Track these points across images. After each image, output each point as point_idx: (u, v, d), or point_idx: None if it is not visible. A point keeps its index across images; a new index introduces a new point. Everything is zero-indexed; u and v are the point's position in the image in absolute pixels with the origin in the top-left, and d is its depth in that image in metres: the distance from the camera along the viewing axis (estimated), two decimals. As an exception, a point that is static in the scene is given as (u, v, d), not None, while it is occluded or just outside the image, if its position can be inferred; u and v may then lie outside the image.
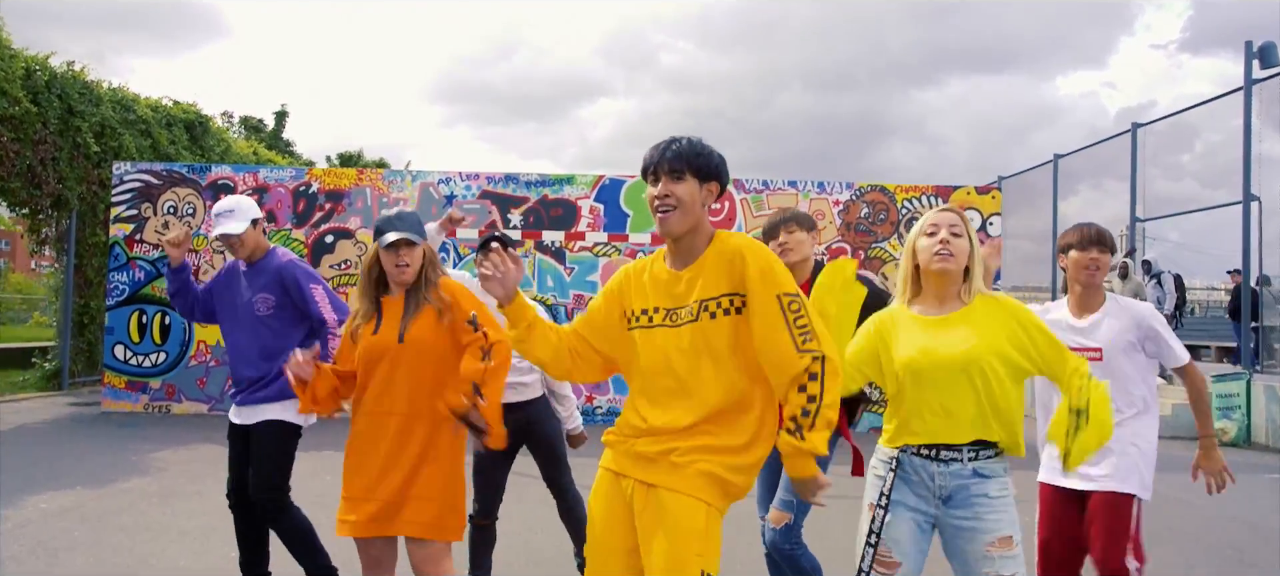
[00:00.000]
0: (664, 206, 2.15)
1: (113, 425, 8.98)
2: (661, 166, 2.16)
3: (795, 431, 2.00)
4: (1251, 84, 10.63)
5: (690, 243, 2.19)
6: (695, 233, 2.19)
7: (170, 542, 4.73)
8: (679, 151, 2.17)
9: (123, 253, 10.08)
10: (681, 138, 2.19)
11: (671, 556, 2.02)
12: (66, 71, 11.68)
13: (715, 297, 2.13)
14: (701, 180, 2.17)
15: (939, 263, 2.42)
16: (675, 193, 2.14)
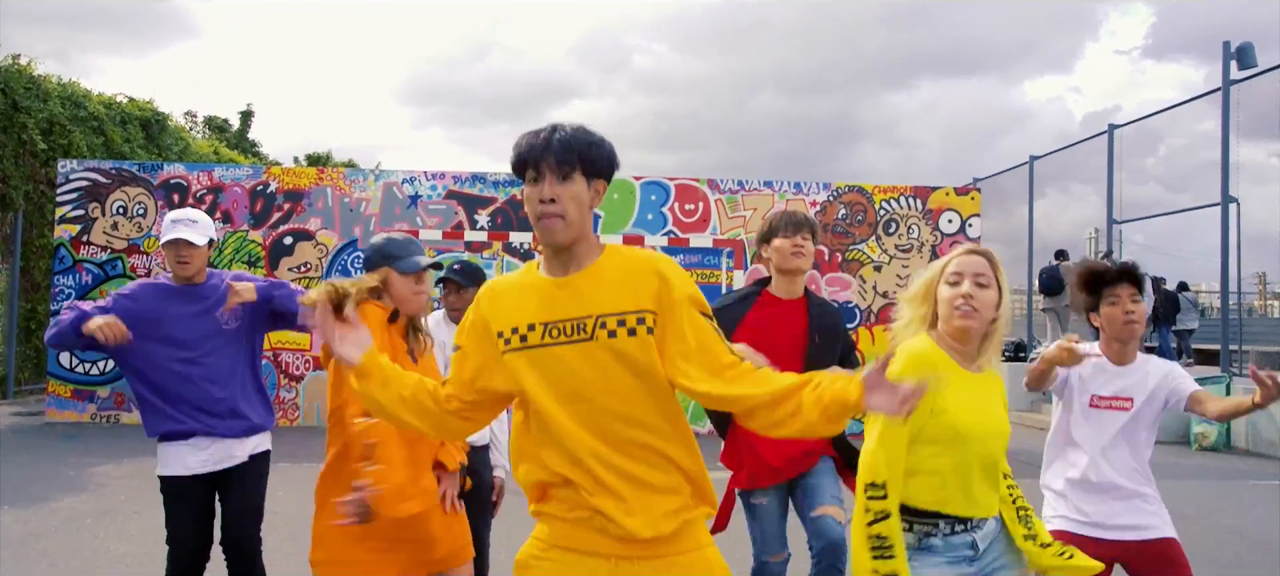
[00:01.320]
0: (551, 212, 1.76)
1: (55, 437, 8.52)
2: (546, 162, 1.76)
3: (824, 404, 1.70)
4: (1229, 85, 10.56)
5: (579, 252, 1.83)
6: (582, 241, 1.82)
7: (100, 569, 4.36)
8: (566, 141, 1.77)
9: (69, 254, 9.60)
10: (564, 124, 1.81)
11: None
12: (11, 65, 11.17)
13: (615, 313, 1.78)
14: (589, 177, 1.80)
15: (960, 319, 2.09)
16: (563, 194, 1.76)
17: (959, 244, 8.96)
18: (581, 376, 1.77)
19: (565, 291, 1.80)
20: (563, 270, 1.82)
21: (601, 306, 1.78)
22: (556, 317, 1.79)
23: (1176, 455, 9.62)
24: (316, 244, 9.66)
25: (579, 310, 1.78)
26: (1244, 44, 10.39)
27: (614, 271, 1.81)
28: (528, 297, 1.83)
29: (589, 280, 1.80)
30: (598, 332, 1.76)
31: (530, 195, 1.79)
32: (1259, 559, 5.27)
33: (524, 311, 1.81)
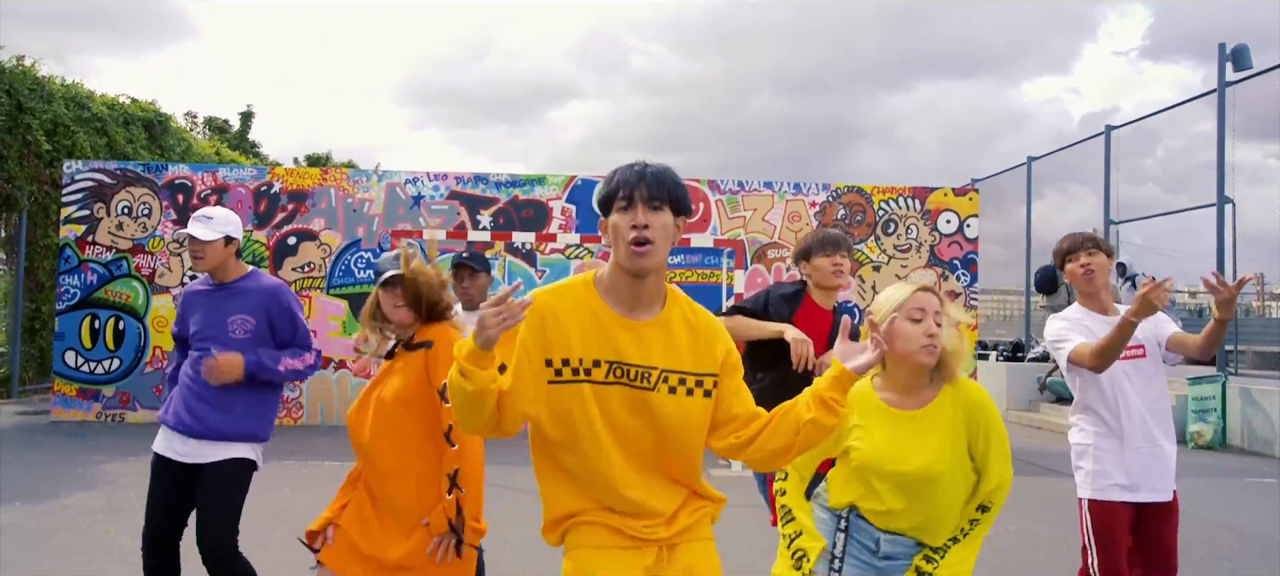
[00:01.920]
0: (643, 239, 1.81)
1: (62, 435, 8.58)
2: (639, 192, 1.82)
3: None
4: (1225, 86, 10.64)
5: (653, 288, 1.89)
6: (660, 275, 1.90)
7: (111, 563, 4.43)
8: (659, 177, 1.85)
9: (74, 254, 9.66)
10: (650, 163, 1.88)
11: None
12: (16, 67, 11.23)
13: (681, 372, 1.87)
14: (675, 213, 1.87)
15: (926, 355, 2.19)
16: (654, 223, 1.82)
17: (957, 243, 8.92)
18: (623, 421, 1.85)
19: (631, 335, 1.85)
20: (631, 309, 1.87)
21: (668, 361, 1.85)
22: (623, 360, 1.84)
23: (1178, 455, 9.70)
24: (320, 244, 9.73)
25: (645, 359, 1.84)
26: (1239, 45, 10.47)
27: (680, 325, 1.88)
28: (591, 330, 1.85)
29: (658, 330, 1.86)
30: (659, 386, 1.84)
31: (620, 222, 1.83)
32: (1254, 555, 5.35)
33: (588, 345, 1.84)
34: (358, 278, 9.73)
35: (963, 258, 10.22)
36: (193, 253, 3.25)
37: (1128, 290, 11.76)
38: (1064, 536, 5.37)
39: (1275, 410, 9.58)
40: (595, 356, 1.84)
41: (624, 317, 1.87)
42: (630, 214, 1.83)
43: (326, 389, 9.59)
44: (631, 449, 1.86)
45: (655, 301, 1.89)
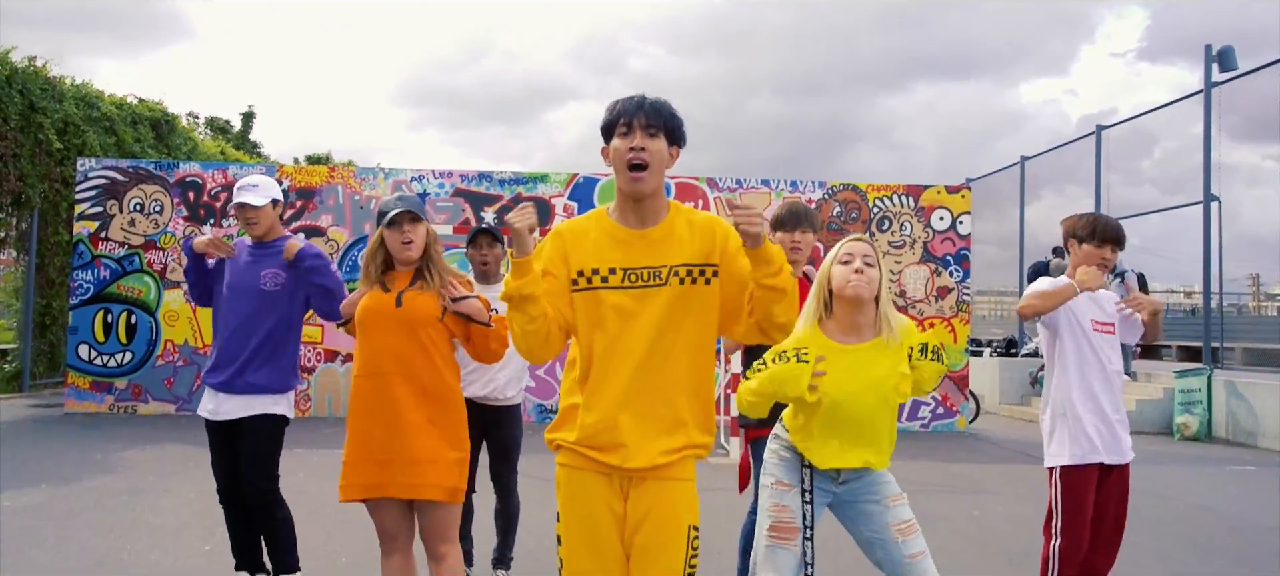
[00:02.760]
0: (639, 162, 2.04)
1: (77, 425, 8.80)
2: (638, 120, 2.06)
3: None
4: (1211, 87, 10.90)
5: (653, 205, 2.12)
6: (658, 195, 2.12)
7: (140, 538, 4.65)
8: (656, 106, 2.08)
9: (87, 250, 9.88)
10: (649, 95, 2.11)
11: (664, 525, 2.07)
12: (28, 67, 11.45)
13: (688, 264, 2.09)
14: (670, 142, 2.11)
15: (852, 289, 2.47)
16: (650, 148, 2.05)
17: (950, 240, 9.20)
18: (639, 321, 2.07)
19: (644, 242, 2.09)
20: (640, 222, 2.11)
21: (677, 258, 2.08)
22: (635, 264, 2.08)
23: (1160, 444, 9.95)
24: (328, 240, 9.96)
25: (655, 260, 2.08)
26: (1225, 47, 10.73)
27: (684, 227, 2.11)
28: (605, 244, 2.10)
29: (664, 234, 2.10)
30: (670, 280, 2.08)
31: (619, 147, 2.07)
32: (1235, 539, 5.59)
33: (603, 256, 2.09)
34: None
35: (955, 254, 10.46)
36: (247, 219, 3.48)
37: (1117, 285, 12.03)
38: (1156, 537, 5.60)
39: (1259, 402, 9.83)
40: (611, 265, 2.09)
41: (633, 231, 2.11)
42: (629, 138, 2.06)
43: (334, 381, 9.81)
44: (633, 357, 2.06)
45: (659, 213, 2.13)
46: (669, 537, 2.06)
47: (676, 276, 2.08)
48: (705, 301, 2.11)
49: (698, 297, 2.10)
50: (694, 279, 2.09)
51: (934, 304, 10.35)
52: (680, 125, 2.12)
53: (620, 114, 2.08)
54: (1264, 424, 9.72)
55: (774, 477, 2.61)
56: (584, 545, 2.10)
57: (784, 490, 2.56)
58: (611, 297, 2.08)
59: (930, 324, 10.26)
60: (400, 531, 2.89)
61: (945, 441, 9.47)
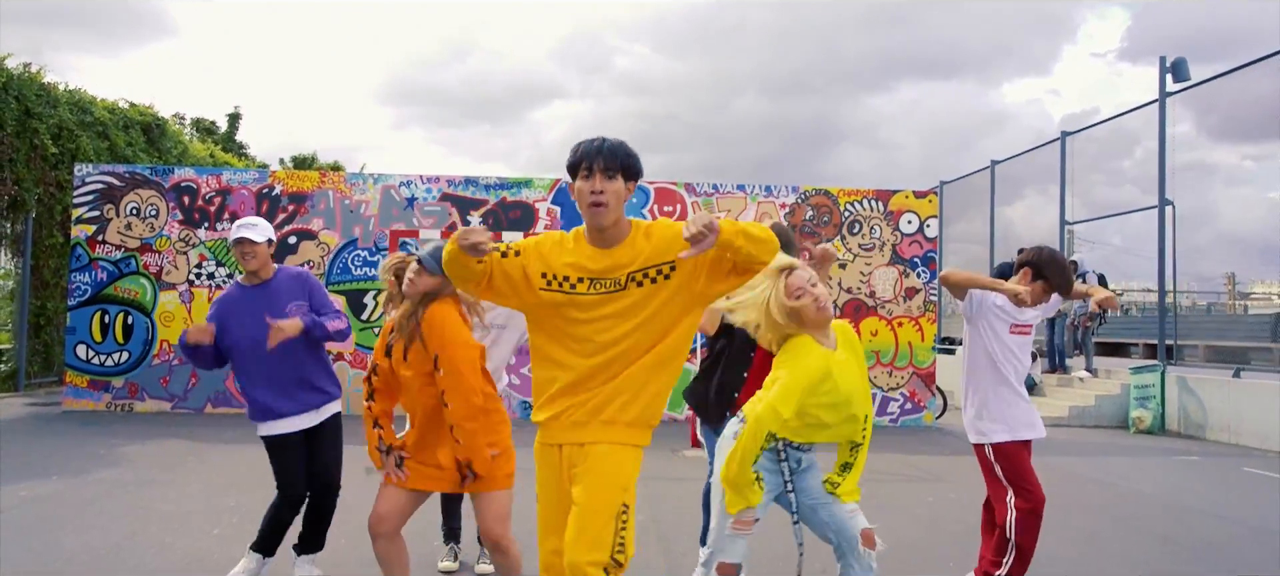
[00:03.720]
0: (598, 202, 2.39)
1: (76, 422, 9.11)
2: (598, 163, 2.39)
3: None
4: (1165, 97, 11.42)
5: (615, 231, 2.46)
6: (618, 222, 2.46)
7: (152, 525, 5.01)
8: (613, 150, 2.42)
9: (84, 253, 10.19)
10: (608, 138, 2.46)
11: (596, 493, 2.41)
12: (23, 73, 11.72)
13: (643, 268, 2.43)
14: (627, 179, 2.45)
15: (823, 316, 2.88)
16: (608, 189, 2.40)
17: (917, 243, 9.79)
18: (603, 323, 2.44)
19: (606, 258, 2.46)
20: (605, 244, 2.47)
21: (633, 265, 2.44)
22: (595, 274, 2.46)
23: (1116, 437, 10.47)
24: (319, 243, 10.31)
25: (613, 270, 2.45)
26: (1178, 59, 11.26)
27: (642, 240, 2.46)
28: (572, 256, 2.48)
29: (624, 249, 2.46)
30: (629, 285, 2.44)
31: (582, 188, 2.42)
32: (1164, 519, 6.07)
33: (568, 266, 2.47)
34: (355, 275, 10.33)
35: (923, 255, 10.94)
36: (244, 253, 3.81)
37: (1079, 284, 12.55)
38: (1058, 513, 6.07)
39: (1207, 397, 10.37)
40: (578, 275, 2.46)
41: (598, 249, 2.48)
42: (590, 181, 2.41)
43: (325, 380, 10.16)
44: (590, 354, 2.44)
45: (621, 236, 2.48)
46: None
47: (634, 281, 2.44)
48: (668, 294, 2.45)
49: (658, 293, 2.45)
50: (653, 279, 2.44)
51: (902, 304, 10.82)
52: (635, 162, 2.49)
53: (583, 157, 2.44)
54: (1211, 417, 10.26)
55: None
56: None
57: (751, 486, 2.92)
58: (578, 300, 2.46)
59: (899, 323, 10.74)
60: (409, 508, 3.35)
61: (911, 435, 9.94)
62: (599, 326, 2.45)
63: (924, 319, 10.87)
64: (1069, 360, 13.27)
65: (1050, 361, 13.33)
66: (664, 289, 2.45)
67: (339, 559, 4.32)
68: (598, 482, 2.41)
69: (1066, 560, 4.77)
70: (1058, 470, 7.84)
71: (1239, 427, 9.86)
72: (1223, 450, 9.43)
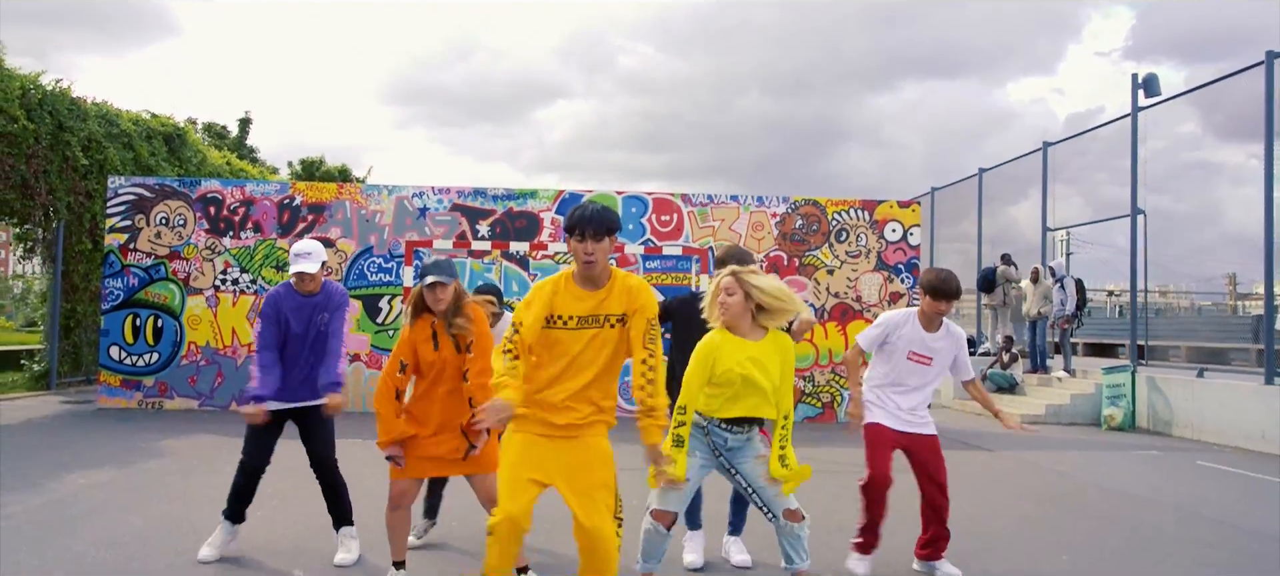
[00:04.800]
0: (590, 260, 3.13)
1: (112, 419, 9.77)
2: (588, 230, 3.11)
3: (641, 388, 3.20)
4: (1137, 111, 12.04)
5: (601, 274, 3.22)
6: (604, 271, 3.22)
7: (202, 506, 5.65)
8: (599, 218, 3.12)
9: (117, 260, 10.86)
10: (593, 204, 3.19)
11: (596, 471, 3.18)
12: (56, 89, 12.39)
13: (616, 315, 3.21)
14: (609, 235, 3.16)
15: (721, 315, 3.64)
16: (597, 249, 3.12)
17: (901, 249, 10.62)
18: (585, 349, 3.20)
19: (592, 300, 3.20)
20: (593, 287, 3.21)
21: (609, 310, 3.21)
22: (587, 314, 3.20)
23: (1088, 434, 11.09)
24: (337, 251, 10.96)
25: (599, 311, 3.20)
26: (1149, 75, 11.88)
27: (620, 289, 3.22)
28: (567, 299, 3.22)
29: (604, 293, 3.21)
30: (605, 325, 3.21)
31: (576, 248, 3.15)
32: (1111, 505, 6.70)
33: (567, 307, 3.21)
34: (371, 281, 10.98)
35: (906, 262, 11.57)
36: (301, 281, 4.51)
37: (1057, 290, 13.19)
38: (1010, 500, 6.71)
39: (1173, 396, 10.99)
40: (573, 314, 3.20)
41: (586, 291, 3.22)
42: (583, 243, 3.13)
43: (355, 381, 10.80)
44: (574, 370, 3.17)
45: (604, 280, 3.23)
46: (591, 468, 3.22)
47: (609, 323, 3.22)
48: (621, 338, 3.25)
49: (616, 335, 3.24)
50: (612, 324, 3.23)
51: (887, 308, 11.43)
52: (615, 221, 3.22)
53: (577, 224, 3.16)
54: (1177, 415, 10.88)
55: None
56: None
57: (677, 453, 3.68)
58: (568, 331, 3.22)
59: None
60: (412, 491, 4.04)
61: (894, 431, 10.56)
62: (586, 351, 3.20)
63: (907, 322, 11.48)
64: (1049, 361, 13.89)
65: (1032, 362, 13.94)
66: (615, 332, 3.25)
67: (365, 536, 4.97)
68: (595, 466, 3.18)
69: (1004, 536, 5.39)
70: (1022, 462, 8.47)
71: (1201, 425, 10.48)
72: (1185, 445, 10.05)
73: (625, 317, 3.21)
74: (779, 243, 11.42)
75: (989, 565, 4.74)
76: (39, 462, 6.97)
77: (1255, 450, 9.60)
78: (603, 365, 3.22)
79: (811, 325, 4.49)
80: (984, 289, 14.70)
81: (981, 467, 8.13)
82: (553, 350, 3.21)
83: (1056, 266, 13.32)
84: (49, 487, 6.05)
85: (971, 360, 14.85)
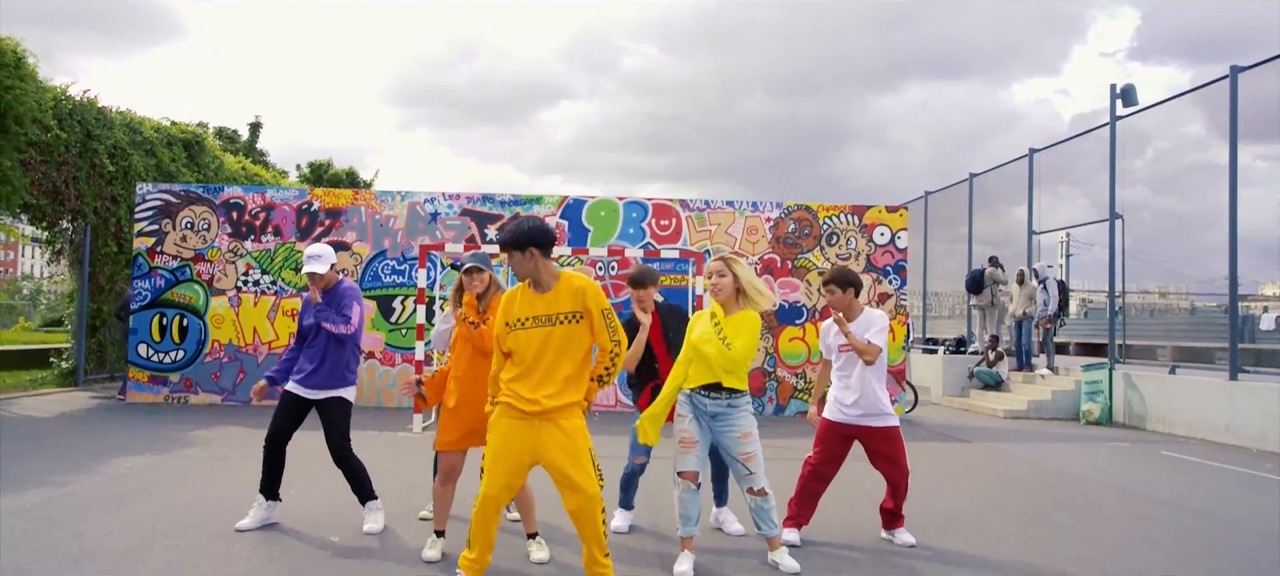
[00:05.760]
0: (521, 274, 3.78)
1: (141, 413, 10.37)
2: (505, 247, 3.76)
3: (598, 381, 3.84)
4: (1115, 121, 12.59)
5: (546, 278, 3.76)
6: (545, 276, 3.76)
7: (238, 487, 6.23)
8: (512, 236, 3.72)
9: (145, 263, 11.47)
10: (514, 223, 3.77)
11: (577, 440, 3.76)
12: (84, 100, 13.01)
13: (567, 313, 3.75)
14: (532, 250, 3.71)
15: (711, 294, 4.32)
16: (515, 262, 3.73)
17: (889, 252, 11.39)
18: (546, 343, 3.75)
19: (542, 302, 3.77)
20: (541, 290, 3.79)
21: (559, 309, 3.76)
22: (538, 314, 3.76)
23: (1066, 427, 11.64)
24: (352, 254, 11.56)
25: (549, 311, 3.76)
26: (1127, 86, 12.42)
27: (566, 290, 3.77)
28: (522, 304, 3.79)
29: (552, 295, 3.77)
30: (559, 323, 3.76)
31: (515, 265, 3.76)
32: (1070, 490, 7.26)
33: (523, 311, 3.77)
34: (385, 282, 11.58)
35: (894, 264, 12.13)
36: (313, 280, 5.13)
37: (1041, 292, 13.73)
38: (975, 484, 7.27)
39: (1147, 392, 11.54)
40: (529, 315, 3.76)
41: (537, 295, 3.78)
42: (509, 258, 3.74)
43: (370, 378, 11.41)
44: (540, 363, 3.72)
45: (550, 283, 3.78)
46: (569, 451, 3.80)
47: (561, 320, 3.77)
48: (579, 331, 3.79)
49: (574, 330, 3.78)
50: (569, 321, 3.78)
51: (875, 308, 11.98)
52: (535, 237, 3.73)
53: (503, 243, 3.80)
54: (1150, 410, 11.43)
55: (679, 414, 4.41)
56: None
57: (682, 419, 4.34)
58: (525, 331, 3.78)
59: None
60: (459, 464, 4.58)
61: (881, 425, 11.12)
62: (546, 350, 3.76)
63: (896, 321, 12.05)
64: (1034, 359, 14.44)
65: (1017, 360, 14.48)
66: (578, 327, 3.81)
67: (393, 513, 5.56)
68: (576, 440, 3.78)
69: (963, 514, 5.96)
70: (996, 452, 9.04)
71: (1172, 418, 11.03)
72: (1155, 438, 10.60)
73: (581, 315, 3.76)
74: (773, 245, 11.98)
75: (946, 537, 5.30)
76: (85, 450, 7.57)
77: (1219, 442, 10.15)
78: (565, 356, 3.72)
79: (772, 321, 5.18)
80: (972, 290, 15.26)
81: (956, 457, 8.69)
82: (521, 348, 3.75)
83: (1040, 268, 13.87)
84: (99, 470, 6.65)
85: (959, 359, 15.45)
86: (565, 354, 3.74)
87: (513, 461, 3.72)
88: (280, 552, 4.62)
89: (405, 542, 4.84)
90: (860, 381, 4.92)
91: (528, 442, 3.72)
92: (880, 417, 4.95)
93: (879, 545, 5.09)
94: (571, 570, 4.40)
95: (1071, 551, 5.01)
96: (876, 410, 4.93)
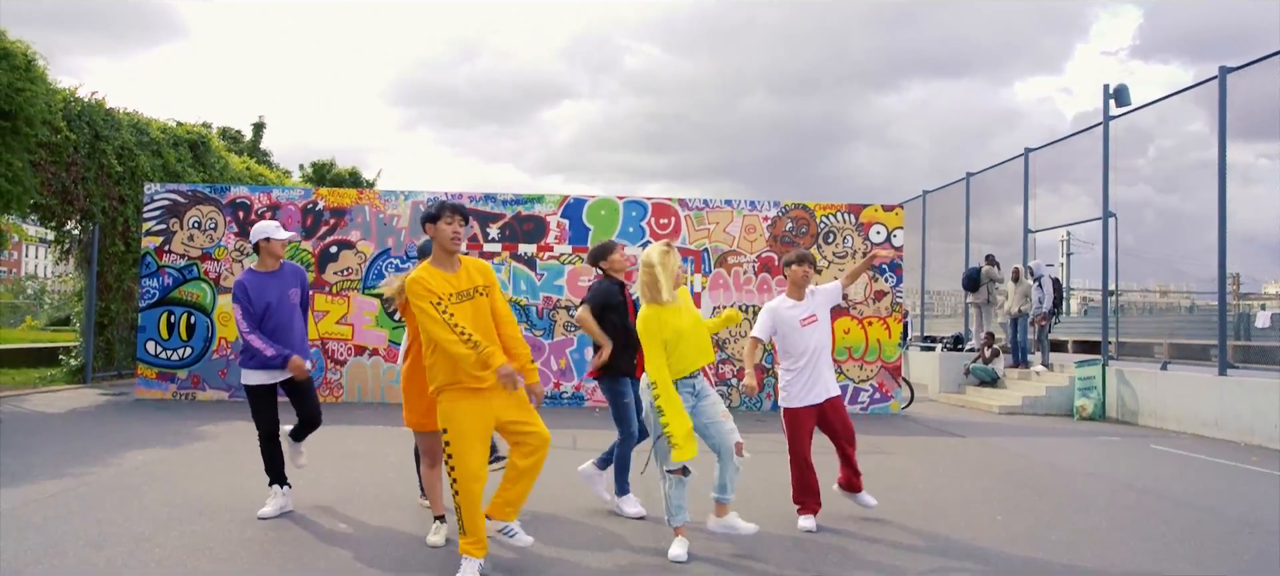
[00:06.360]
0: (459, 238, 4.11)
1: (150, 409, 10.57)
2: (458, 216, 4.11)
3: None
4: (1109, 120, 12.76)
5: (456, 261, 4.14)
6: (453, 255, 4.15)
7: (248, 477, 6.42)
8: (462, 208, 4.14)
9: (153, 261, 11.68)
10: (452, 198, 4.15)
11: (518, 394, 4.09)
12: (92, 101, 13.22)
13: (475, 288, 4.12)
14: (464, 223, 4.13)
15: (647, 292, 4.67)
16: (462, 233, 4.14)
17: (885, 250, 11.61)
18: (475, 318, 4.03)
19: (456, 278, 4.06)
20: (452, 269, 4.09)
21: (471, 285, 4.07)
22: (457, 290, 4.05)
23: (1059, 423, 11.82)
24: (357, 252, 11.76)
25: (464, 287, 4.05)
26: (1120, 86, 12.59)
27: (472, 269, 4.12)
28: (439, 282, 4.02)
29: (462, 272, 4.09)
30: (475, 296, 4.08)
31: (445, 228, 4.05)
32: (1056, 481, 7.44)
33: (442, 289, 4.01)
34: (388, 280, 11.78)
35: (890, 263, 12.31)
36: (273, 254, 5.34)
37: (1036, 289, 13.91)
38: (966, 476, 7.46)
39: (1139, 388, 11.72)
40: (448, 293, 4.02)
41: (448, 273, 4.08)
42: (453, 225, 4.04)
43: (362, 372, 11.62)
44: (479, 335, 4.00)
45: (456, 264, 4.12)
46: None
47: (476, 294, 4.11)
48: (486, 304, 4.14)
49: (483, 302, 4.12)
50: (480, 294, 4.12)
51: (872, 305, 12.19)
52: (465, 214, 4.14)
53: (444, 209, 4.09)
54: (1142, 405, 11.61)
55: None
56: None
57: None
58: (456, 307, 4.03)
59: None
60: (436, 446, 4.80)
61: (878, 421, 11.30)
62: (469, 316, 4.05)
63: (891, 318, 12.24)
64: (1030, 356, 14.61)
65: (1013, 357, 14.66)
66: (484, 302, 4.16)
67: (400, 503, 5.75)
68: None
69: (951, 504, 6.14)
70: (988, 446, 9.22)
71: (1164, 414, 11.21)
72: (1146, 433, 10.78)
73: (486, 289, 4.13)
74: (770, 244, 12.17)
75: (933, 524, 5.49)
76: (97, 443, 7.78)
77: (1208, 436, 10.33)
78: (492, 325, 4.11)
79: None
80: (968, 288, 15.44)
81: (948, 451, 8.88)
82: (464, 322, 4.03)
83: (1036, 266, 14.05)
84: (113, 462, 6.86)
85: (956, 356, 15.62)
86: (492, 322, 4.14)
87: (484, 434, 4.06)
88: (291, 538, 4.82)
89: (410, 531, 5.04)
90: (815, 370, 5.25)
91: (486, 414, 4.05)
92: (831, 390, 5.33)
93: (857, 527, 5.29)
94: (544, 559, 4.60)
95: (1052, 537, 5.20)
96: (829, 388, 5.31)
